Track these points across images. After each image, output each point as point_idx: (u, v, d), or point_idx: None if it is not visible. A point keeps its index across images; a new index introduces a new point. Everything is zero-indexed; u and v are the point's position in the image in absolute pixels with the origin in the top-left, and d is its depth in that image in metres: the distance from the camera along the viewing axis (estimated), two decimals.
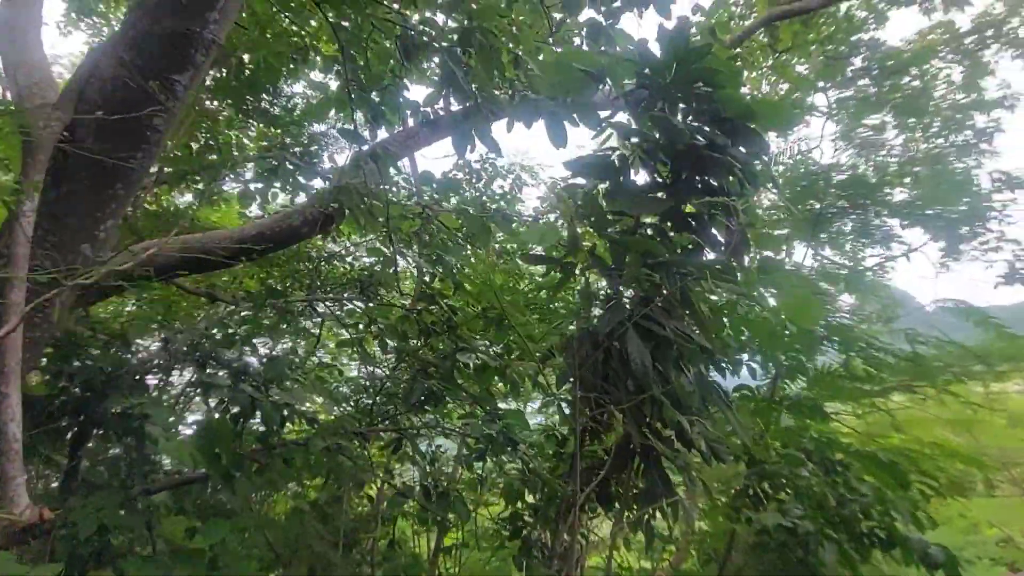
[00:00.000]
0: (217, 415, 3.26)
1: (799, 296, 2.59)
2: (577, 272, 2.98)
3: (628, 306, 2.66)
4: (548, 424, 5.83)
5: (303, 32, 6.23)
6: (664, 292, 2.68)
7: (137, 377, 3.40)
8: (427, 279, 5.34)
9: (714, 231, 3.00)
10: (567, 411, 4.00)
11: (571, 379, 2.60)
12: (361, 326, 5.76)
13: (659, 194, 2.95)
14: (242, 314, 4.22)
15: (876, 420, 6.97)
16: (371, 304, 5.67)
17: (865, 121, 8.94)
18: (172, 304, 6.55)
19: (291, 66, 6.54)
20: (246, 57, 6.82)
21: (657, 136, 3.02)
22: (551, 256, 3.10)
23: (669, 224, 2.95)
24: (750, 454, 4.20)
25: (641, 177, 3.13)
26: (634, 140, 3.08)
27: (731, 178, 2.88)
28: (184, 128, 7.32)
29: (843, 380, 5.72)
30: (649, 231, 2.98)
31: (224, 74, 7.07)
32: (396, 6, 4.34)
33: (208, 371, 3.54)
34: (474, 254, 5.66)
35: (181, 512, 3.76)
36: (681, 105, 2.96)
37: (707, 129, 2.87)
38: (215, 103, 7.57)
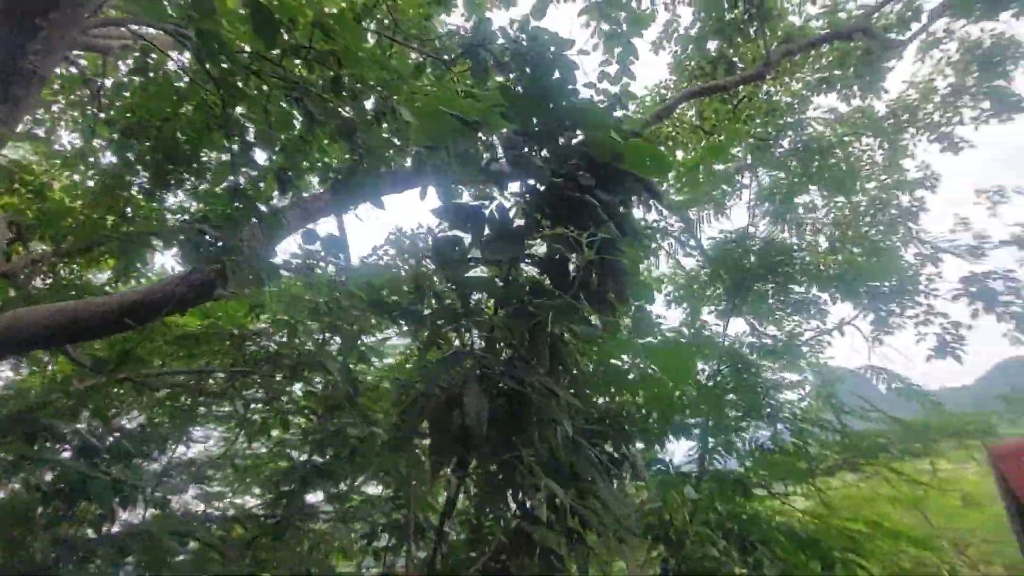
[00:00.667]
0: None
1: (671, 350, 2.35)
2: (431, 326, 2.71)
3: (475, 357, 2.39)
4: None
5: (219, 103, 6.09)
6: (529, 343, 2.43)
7: None
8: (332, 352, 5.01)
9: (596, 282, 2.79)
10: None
11: (410, 443, 2.26)
12: (261, 405, 5.39)
13: (531, 242, 2.75)
14: (87, 384, 3.78)
15: (819, 500, 6.65)
16: (275, 379, 5.29)
17: (796, 200, 9.13)
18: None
19: (208, 135, 6.36)
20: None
21: (534, 183, 2.86)
22: (394, 303, 2.85)
23: (544, 272, 2.74)
24: (667, 532, 3.85)
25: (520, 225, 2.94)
26: (510, 187, 2.92)
27: (610, 224, 2.70)
28: (98, 199, 7.06)
29: (774, 455, 5.43)
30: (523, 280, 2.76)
31: (143, 145, 6.89)
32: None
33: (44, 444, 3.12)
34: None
35: None
36: (557, 147, 2.82)
37: (581, 173, 2.71)
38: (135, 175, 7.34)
